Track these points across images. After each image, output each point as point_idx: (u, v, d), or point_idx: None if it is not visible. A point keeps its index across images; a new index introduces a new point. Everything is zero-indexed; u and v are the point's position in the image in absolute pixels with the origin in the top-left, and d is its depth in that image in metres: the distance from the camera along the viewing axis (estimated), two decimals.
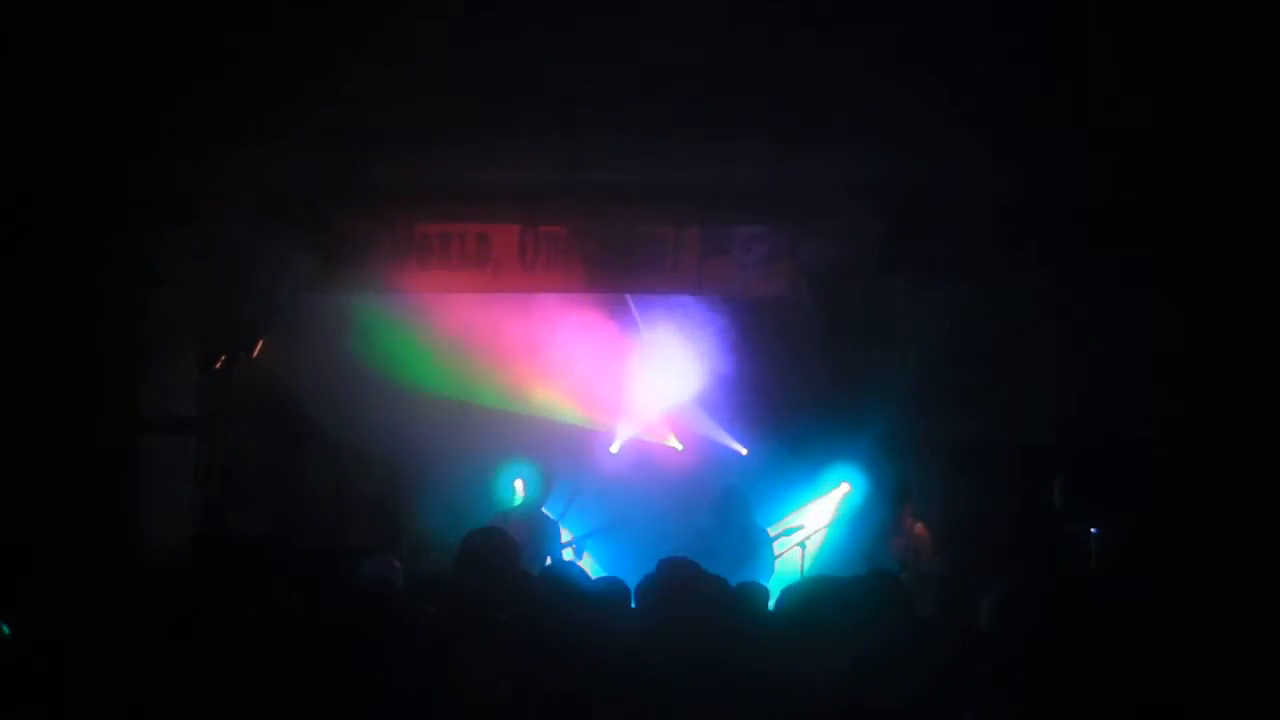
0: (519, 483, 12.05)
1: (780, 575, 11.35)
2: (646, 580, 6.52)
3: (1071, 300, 10.87)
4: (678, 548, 11.50)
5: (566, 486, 12.36)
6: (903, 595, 5.75)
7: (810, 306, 12.32)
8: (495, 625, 5.93)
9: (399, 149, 9.69)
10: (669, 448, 13.50)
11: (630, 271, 10.84)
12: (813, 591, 6.53)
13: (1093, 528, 10.66)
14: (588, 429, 13.25)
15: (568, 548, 11.87)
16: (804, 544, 11.72)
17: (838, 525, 12.23)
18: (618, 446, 13.37)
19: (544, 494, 11.99)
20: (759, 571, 10.91)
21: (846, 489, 12.34)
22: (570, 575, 6.46)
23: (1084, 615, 5.99)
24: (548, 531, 11.75)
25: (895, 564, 11.18)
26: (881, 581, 5.83)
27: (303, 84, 8.40)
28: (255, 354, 11.62)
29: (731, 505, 12.32)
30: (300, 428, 12.23)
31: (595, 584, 6.54)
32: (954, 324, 11.38)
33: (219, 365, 11.79)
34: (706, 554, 11.37)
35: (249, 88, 8.48)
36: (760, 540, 11.96)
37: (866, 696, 5.10)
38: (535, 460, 12.28)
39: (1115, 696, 5.49)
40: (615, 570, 8.83)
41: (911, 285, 11.55)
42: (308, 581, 7.71)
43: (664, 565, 6.67)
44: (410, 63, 8.07)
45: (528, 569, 9.71)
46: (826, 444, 12.59)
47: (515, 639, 5.67)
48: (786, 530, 12.12)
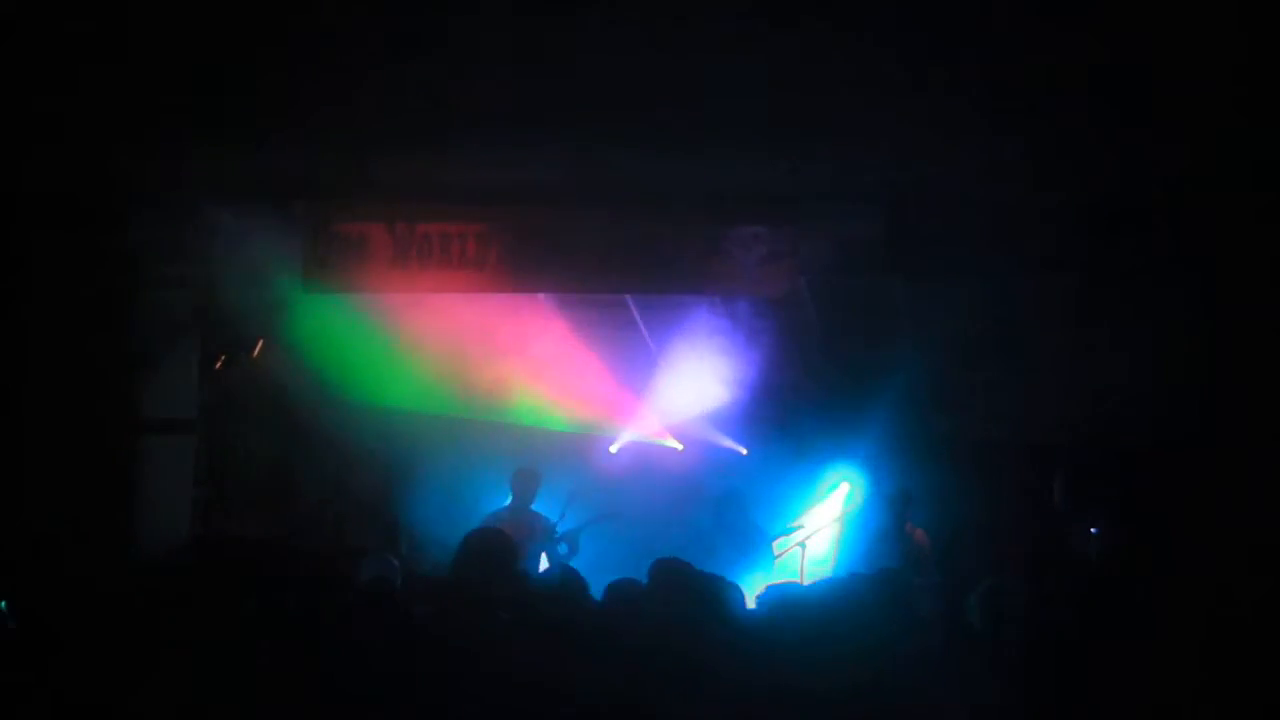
0: (521, 479, 12.04)
1: (780, 576, 11.35)
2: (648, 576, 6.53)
3: (1073, 300, 10.87)
4: (676, 548, 11.55)
5: (565, 488, 12.35)
6: (904, 595, 5.76)
7: (810, 306, 12.33)
8: (495, 625, 5.93)
9: (398, 148, 9.68)
10: (669, 448, 13.49)
11: (630, 272, 10.82)
12: (810, 594, 6.55)
13: (1093, 528, 10.66)
14: (587, 433, 13.25)
15: (561, 541, 11.83)
16: (804, 544, 11.71)
17: (838, 526, 12.22)
18: (617, 447, 13.37)
19: (533, 493, 11.96)
20: (758, 572, 10.92)
21: (847, 489, 12.34)
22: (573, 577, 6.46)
23: (1083, 615, 6.01)
24: (538, 530, 11.74)
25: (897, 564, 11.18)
26: (884, 581, 5.84)
27: (302, 83, 8.39)
28: (255, 354, 11.62)
29: (731, 506, 12.34)
30: (299, 428, 12.23)
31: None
32: (954, 324, 11.38)
33: (219, 365, 11.79)
34: (705, 554, 11.43)
35: (249, 87, 8.47)
36: (759, 541, 11.97)
37: (864, 694, 5.11)
38: (524, 459, 12.27)
39: (1115, 696, 5.50)
40: (610, 569, 8.80)
41: (912, 285, 11.56)
42: (307, 582, 7.71)
43: (658, 565, 6.69)
44: (408, 61, 8.06)
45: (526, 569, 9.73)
46: (827, 444, 12.60)
47: (516, 639, 5.67)
48: (786, 531, 12.12)
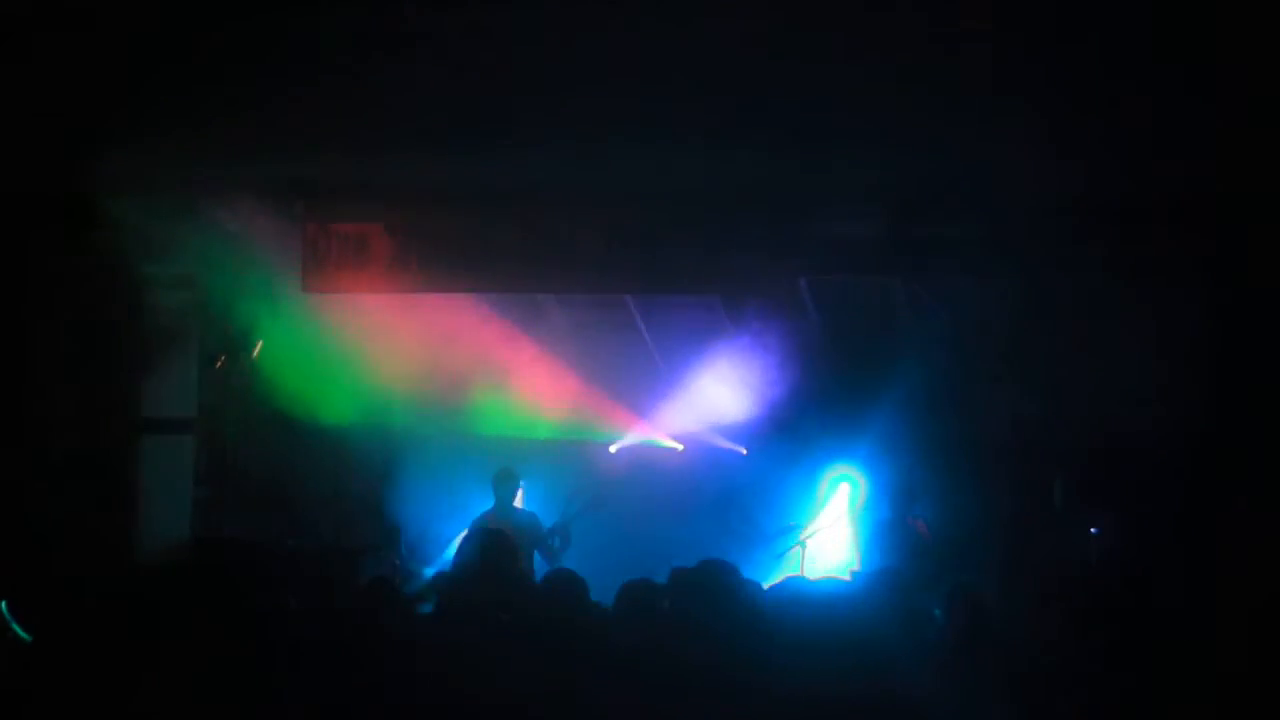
0: (501, 481, 12.00)
1: (782, 575, 11.34)
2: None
3: (1072, 300, 10.87)
4: (676, 548, 11.54)
5: (565, 489, 12.33)
6: (904, 594, 5.76)
7: (810, 306, 12.32)
8: (495, 625, 5.93)
9: (397, 149, 9.68)
10: (669, 448, 13.49)
11: (630, 272, 10.82)
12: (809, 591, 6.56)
13: (1093, 528, 10.65)
14: (585, 438, 13.24)
15: (552, 535, 11.78)
16: (804, 544, 11.70)
17: (843, 525, 12.20)
18: (617, 448, 13.35)
19: (514, 492, 11.90)
20: (757, 572, 10.90)
21: (847, 489, 12.32)
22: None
23: (1081, 616, 6.00)
24: (527, 528, 11.70)
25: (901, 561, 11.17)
26: (884, 580, 5.85)
27: (302, 84, 8.39)
28: (255, 354, 11.61)
29: (730, 506, 12.33)
30: (299, 428, 12.22)
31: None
32: (955, 324, 11.38)
33: (219, 365, 11.78)
34: (703, 553, 11.41)
35: (249, 86, 8.47)
36: (759, 541, 11.97)
37: (861, 692, 5.11)
38: (505, 459, 12.20)
39: (1116, 695, 5.49)
40: (610, 570, 8.78)
41: (912, 285, 11.55)
42: (307, 581, 7.72)
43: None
44: (411, 63, 8.06)
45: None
46: (827, 444, 12.59)
47: (517, 638, 5.67)
48: (786, 530, 12.11)
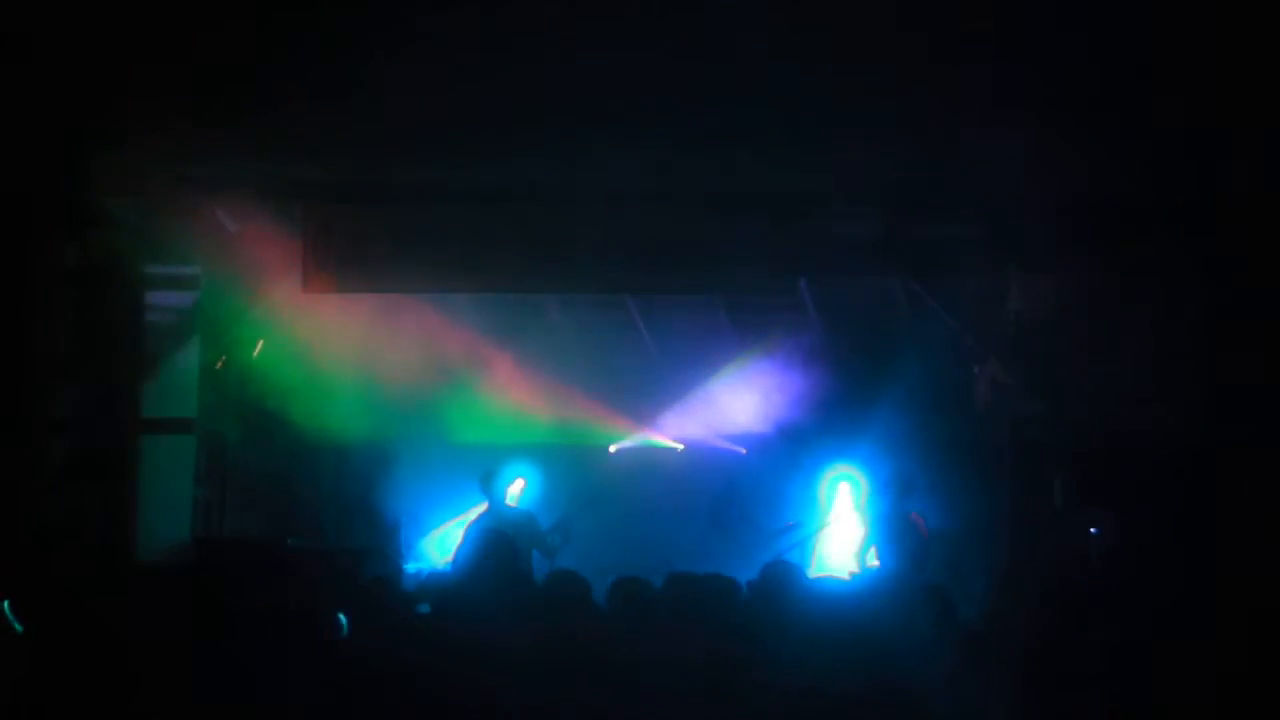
0: (490, 481, 12.00)
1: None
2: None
3: (1073, 300, 10.87)
4: (675, 549, 11.56)
5: (564, 490, 12.33)
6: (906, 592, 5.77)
7: (810, 307, 12.33)
8: (497, 626, 5.93)
9: (398, 149, 9.68)
10: (668, 449, 13.50)
11: (630, 272, 10.82)
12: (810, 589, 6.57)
13: (1093, 528, 10.65)
14: (588, 436, 13.26)
15: (552, 532, 11.78)
16: (804, 544, 11.71)
17: (839, 525, 12.21)
18: (617, 448, 13.37)
19: (504, 491, 11.88)
20: (754, 572, 10.89)
21: (848, 489, 12.33)
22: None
23: (1079, 615, 6.00)
24: (524, 527, 11.70)
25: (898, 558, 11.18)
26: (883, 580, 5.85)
27: (303, 85, 8.39)
28: (255, 354, 11.61)
29: (729, 504, 12.35)
30: (299, 428, 12.22)
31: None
32: (955, 324, 11.38)
33: (219, 365, 11.78)
34: (703, 553, 11.44)
35: (249, 86, 8.47)
36: (757, 538, 11.99)
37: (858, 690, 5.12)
38: (502, 460, 12.19)
39: (1116, 695, 5.50)
40: (610, 570, 8.78)
41: (912, 285, 11.56)
42: (307, 581, 7.71)
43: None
44: (411, 63, 8.07)
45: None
46: (827, 444, 12.60)
47: (517, 640, 5.67)
48: (786, 529, 12.12)
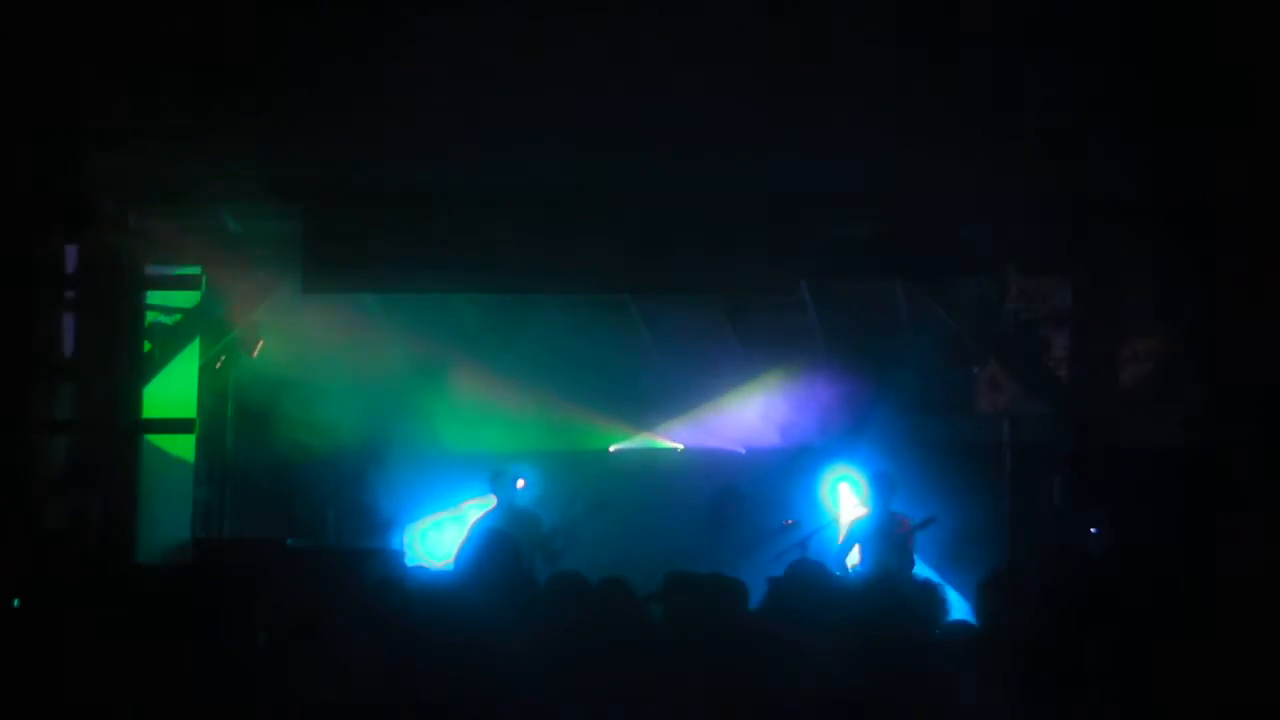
0: (500, 480, 12.02)
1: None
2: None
3: (1073, 300, 10.87)
4: (674, 545, 11.58)
5: (564, 489, 12.35)
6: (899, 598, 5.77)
7: (810, 306, 12.33)
8: (497, 626, 5.93)
9: (398, 149, 9.68)
10: (668, 449, 13.53)
11: (630, 272, 10.82)
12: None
13: (1093, 528, 10.65)
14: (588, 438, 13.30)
15: (557, 535, 11.81)
16: (804, 543, 11.70)
17: (837, 524, 12.22)
18: (616, 448, 13.39)
19: (513, 490, 11.92)
20: (754, 572, 10.90)
21: (846, 489, 12.34)
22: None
23: (1078, 615, 5.99)
24: (529, 528, 11.71)
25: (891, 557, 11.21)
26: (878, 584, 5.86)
27: (303, 85, 8.39)
28: (255, 354, 11.61)
29: (728, 501, 12.37)
30: (299, 428, 12.23)
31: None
32: (955, 324, 11.38)
33: (219, 365, 11.78)
34: (702, 551, 11.45)
35: (249, 86, 8.47)
36: (756, 536, 12.01)
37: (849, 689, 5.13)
38: (498, 462, 12.22)
39: (1116, 695, 5.50)
40: (610, 570, 8.80)
41: (912, 285, 11.56)
42: (308, 582, 7.72)
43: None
44: (411, 63, 8.07)
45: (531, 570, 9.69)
46: (827, 443, 12.62)
47: (517, 640, 5.67)
48: (785, 528, 12.13)
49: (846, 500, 12.34)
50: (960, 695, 5.37)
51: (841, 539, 11.60)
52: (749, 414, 13.29)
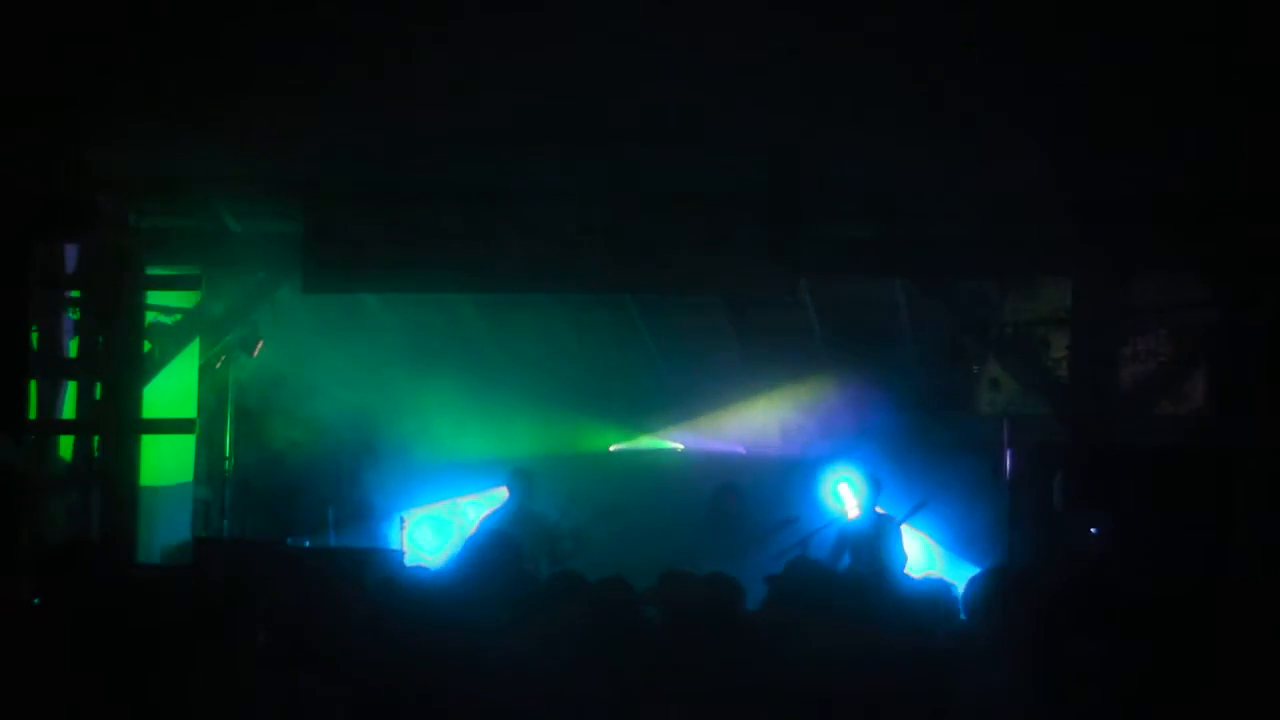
0: (519, 479, 12.05)
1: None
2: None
3: (1072, 300, 10.87)
4: (674, 545, 11.59)
5: (564, 487, 12.36)
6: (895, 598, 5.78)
7: (810, 306, 12.34)
8: (498, 625, 5.94)
9: (398, 149, 9.68)
10: (668, 449, 13.53)
11: (630, 272, 10.82)
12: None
13: (1093, 528, 10.65)
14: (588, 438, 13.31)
15: (566, 539, 11.84)
16: (804, 543, 11.72)
17: (836, 524, 12.22)
18: (616, 448, 13.39)
19: (530, 492, 11.96)
20: (753, 570, 10.91)
21: (846, 489, 12.34)
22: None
23: (1079, 615, 6.00)
24: (539, 529, 11.74)
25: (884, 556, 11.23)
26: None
27: (304, 85, 8.39)
28: (255, 354, 11.61)
29: (727, 498, 12.38)
30: (299, 428, 12.23)
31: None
32: (955, 324, 11.38)
33: (219, 365, 11.78)
34: (701, 551, 11.45)
35: (249, 86, 8.47)
36: (755, 532, 12.02)
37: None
38: (516, 462, 12.26)
39: (1116, 695, 5.50)
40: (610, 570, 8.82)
41: (911, 285, 11.56)
42: (308, 582, 7.72)
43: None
44: (411, 63, 8.06)
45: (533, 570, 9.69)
46: (826, 443, 12.62)
47: (517, 639, 5.68)
48: (785, 524, 12.15)
49: (847, 500, 12.34)
50: (959, 694, 5.38)
51: (831, 542, 11.64)
52: (750, 415, 13.31)
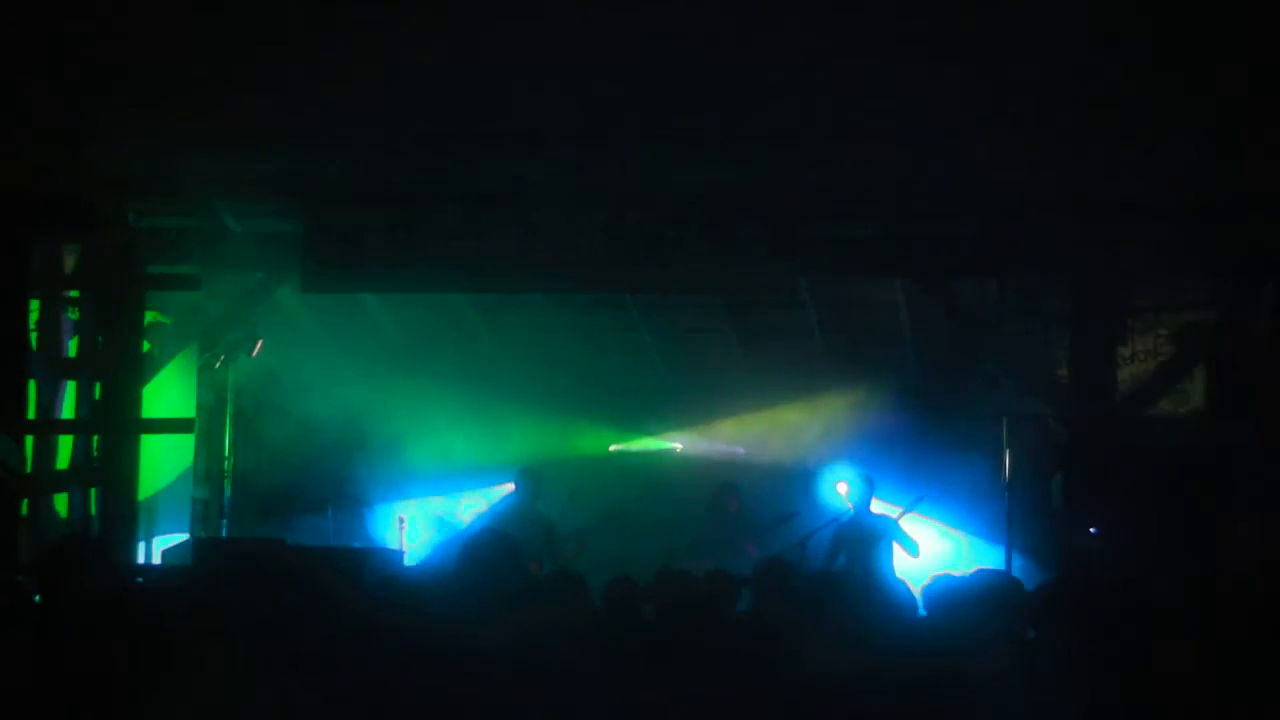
0: (527, 478, 12.07)
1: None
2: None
3: (1072, 300, 10.88)
4: (674, 545, 11.60)
5: (564, 486, 12.38)
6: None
7: (810, 306, 12.33)
8: (497, 625, 5.93)
9: (397, 148, 9.68)
10: (667, 449, 13.53)
11: (630, 272, 10.82)
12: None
13: (1093, 528, 10.66)
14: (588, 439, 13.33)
15: (568, 540, 11.87)
16: (804, 543, 11.72)
17: (835, 523, 12.22)
18: (616, 448, 13.39)
19: (537, 492, 11.99)
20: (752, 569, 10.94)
21: (845, 489, 12.35)
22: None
23: (1079, 615, 6.00)
24: (543, 529, 11.76)
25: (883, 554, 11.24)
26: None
27: (304, 84, 8.39)
28: (255, 354, 11.61)
29: (726, 495, 12.40)
30: (300, 427, 12.23)
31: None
32: (953, 323, 11.38)
33: (219, 365, 11.78)
34: (701, 550, 11.46)
35: (248, 85, 8.46)
36: (754, 529, 12.03)
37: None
38: (526, 461, 12.29)
39: (1116, 695, 5.50)
40: (609, 569, 8.83)
41: (911, 285, 11.56)
42: (308, 582, 7.71)
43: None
44: (411, 60, 8.06)
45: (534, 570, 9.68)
46: (826, 443, 12.62)
47: (516, 638, 5.68)
48: (785, 520, 12.16)
49: (844, 500, 12.35)
50: (959, 694, 5.37)
51: (828, 542, 11.66)
52: (750, 416, 13.31)
